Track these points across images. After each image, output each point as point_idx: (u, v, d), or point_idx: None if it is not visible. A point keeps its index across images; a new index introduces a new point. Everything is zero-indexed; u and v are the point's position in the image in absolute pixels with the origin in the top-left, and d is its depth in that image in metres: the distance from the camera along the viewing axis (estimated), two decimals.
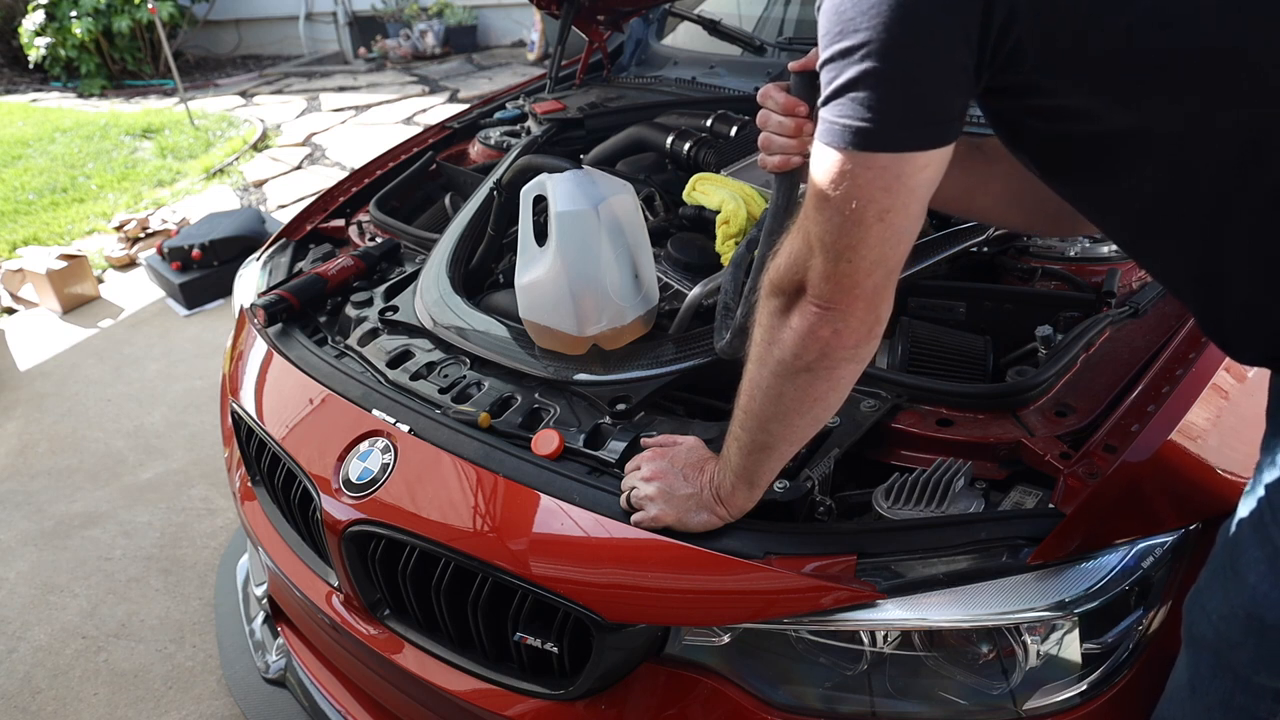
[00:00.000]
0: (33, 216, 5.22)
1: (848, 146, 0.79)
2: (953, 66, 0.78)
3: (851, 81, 0.78)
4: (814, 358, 0.88)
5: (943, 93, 0.79)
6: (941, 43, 0.77)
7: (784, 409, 0.93)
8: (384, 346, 1.51)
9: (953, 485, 1.05)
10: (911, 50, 0.76)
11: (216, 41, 9.94)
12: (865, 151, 0.79)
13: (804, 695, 1.05)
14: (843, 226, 0.81)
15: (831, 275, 0.84)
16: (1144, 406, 1.12)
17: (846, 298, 0.84)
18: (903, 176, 0.79)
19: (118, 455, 2.98)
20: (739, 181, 1.61)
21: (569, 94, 2.38)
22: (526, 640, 1.14)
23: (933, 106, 0.79)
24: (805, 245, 0.86)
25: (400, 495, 1.24)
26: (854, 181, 0.80)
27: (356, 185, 2.18)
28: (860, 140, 0.79)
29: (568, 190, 1.34)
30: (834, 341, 0.86)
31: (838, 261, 0.83)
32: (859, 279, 0.83)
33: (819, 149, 0.83)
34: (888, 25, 0.75)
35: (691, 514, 1.05)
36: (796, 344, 0.88)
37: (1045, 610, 0.95)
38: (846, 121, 0.79)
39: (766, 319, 0.93)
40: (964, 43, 0.77)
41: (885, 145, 0.79)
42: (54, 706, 2.06)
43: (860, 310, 0.85)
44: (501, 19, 9.21)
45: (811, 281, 0.86)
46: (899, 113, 0.78)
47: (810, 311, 0.86)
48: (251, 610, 1.82)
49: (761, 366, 0.93)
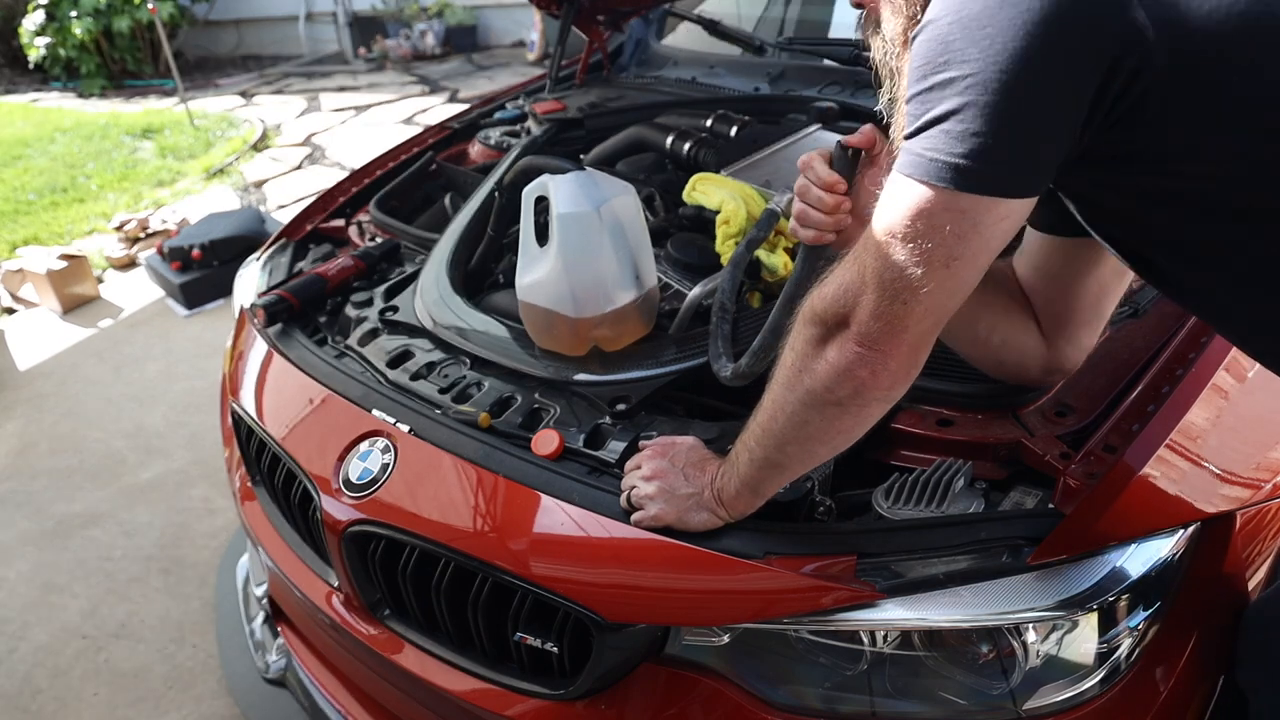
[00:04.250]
0: (33, 216, 5.22)
1: (933, 181, 0.76)
2: (1059, 114, 0.75)
3: (949, 113, 0.74)
4: (847, 395, 0.87)
5: (1042, 140, 0.76)
6: (1055, 88, 0.73)
7: (806, 435, 0.93)
8: (384, 346, 1.51)
9: (953, 485, 1.05)
10: (1022, 89, 0.72)
11: (216, 41, 9.94)
12: (951, 189, 0.75)
13: (804, 695, 1.05)
14: (906, 266, 0.78)
15: (883, 315, 0.81)
16: (1144, 406, 1.12)
17: (892, 341, 0.82)
18: (980, 226, 0.76)
19: (118, 455, 2.98)
20: (739, 181, 1.61)
21: (569, 94, 2.38)
22: (526, 640, 1.14)
23: (1029, 152, 0.76)
24: (859, 279, 0.83)
25: (400, 495, 1.24)
26: (931, 221, 0.77)
27: (356, 185, 2.18)
28: (948, 176, 0.75)
29: (569, 191, 1.34)
30: (870, 382, 0.85)
31: (893, 302, 0.81)
32: (909, 323, 0.81)
33: (897, 181, 0.80)
34: (1001, 60, 0.72)
35: (691, 513, 1.05)
36: (830, 378, 0.87)
37: (1045, 610, 0.95)
38: (935, 155, 0.76)
39: (801, 345, 0.91)
40: (1076, 94, 0.73)
41: (975, 186, 0.75)
42: (54, 706, 2.06)
43: (902, 355, 0.83)
44: (501, 19, 9.21)
45: (859, 318, 0.83)
46: (995, 153, 0.74)
47: (850, 349, 0.84)
48: (251, 610, 1.82)
49: (789, 391, 0.92)
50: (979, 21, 0.73)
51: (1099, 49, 0.72)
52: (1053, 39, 0.71)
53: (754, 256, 1.44)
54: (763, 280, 1.47)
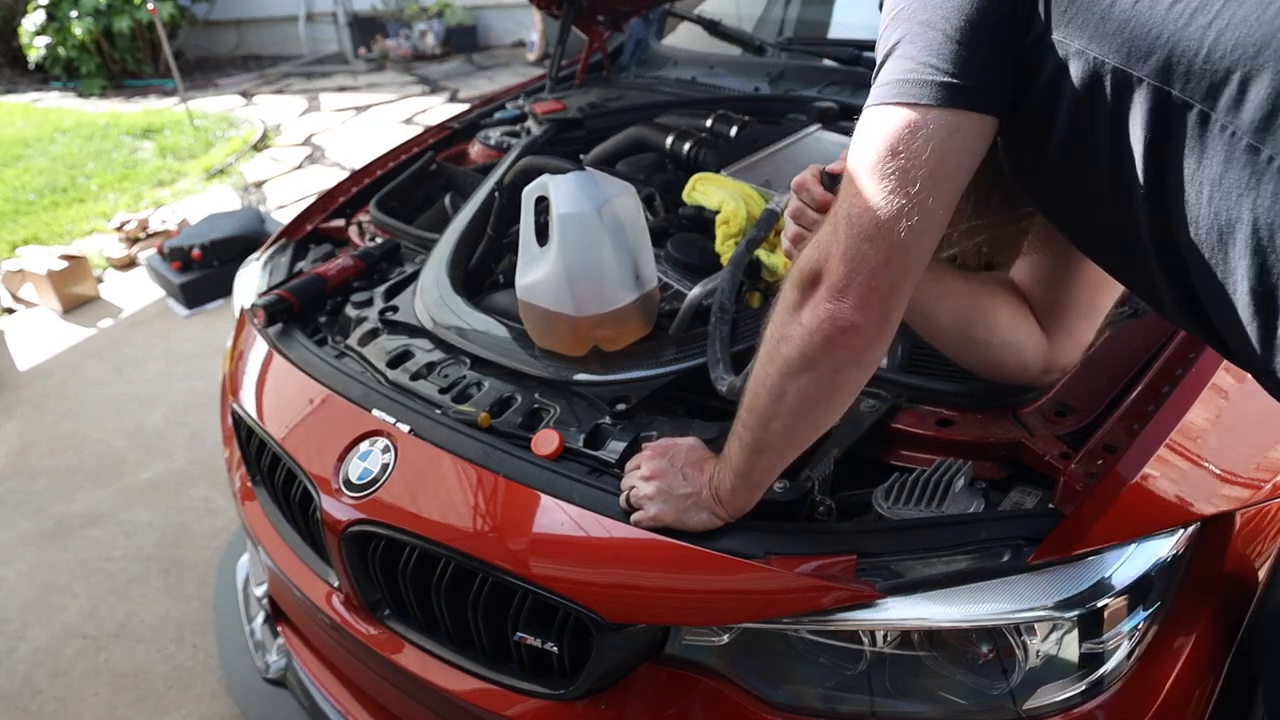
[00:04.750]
0: (33, 216, 5.22)
1: (886, 102, 0.80)
2: (996, 31, 0.78)
3: (897, 42, 0.81)
4: (819, 356, 0.87)
5: (980, 44, 0.79)
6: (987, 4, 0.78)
7: (785, 408, 0.93)
8: (384, 346, 1.51)
9: (953, 485, 1.05)
10: (959, 5, 0.78)
11: (217, 41, 9.94)
12: (900, 105, 0.79)
13: (804, 695, 1.05)
14: (871, 198, 0.81)
15: (851, 257, 0.82)
16: (1144, 406, 1.12)
17: (860, 288, 0.83)
18: (933, 139, 0.79)
19: (118, 455, 2.98)
20: (739, 181, 1.61)
21: (569, 94, 2.38)
22: (526, 640, 1.14)
23: (975, 62, 0.79)
24: (831, 229, 0.85)
25: (400, 495, 1.24)
26: (887, 143, 0.80)
27: (356, 185, 2.18)
28: (895, 93, 0.79)
29: (570, 192, 1.34)
30: (841, 340, 0.85)
31: (859, 240, 0.82)
32: (876, 265, 0.82)
33: (863, 119, 0.83)
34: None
35: (690, 513, 1.05)
36: (804, 341, 0.87)
37: (1045, 610, 0.95)
38: (887, 80, 0.80)
39: (779, 315, 0.92)
40: (1009, 7, 0.78)
41: (919, 94, 0.79)
42: (54, 706, 2.06)
43: (873, 307, 0.84)
44: (501, 19, 9.21)
45: (829, 268, 0.84)
46: (935, 61, 0.78)
47: (822, 307, 0.85)
48: (251, 610, 1.82)
49: (769, 363, 0.93)
50: None
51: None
52: None
53: (754, 256, 1.44)
54: (763, 280, 1.47)
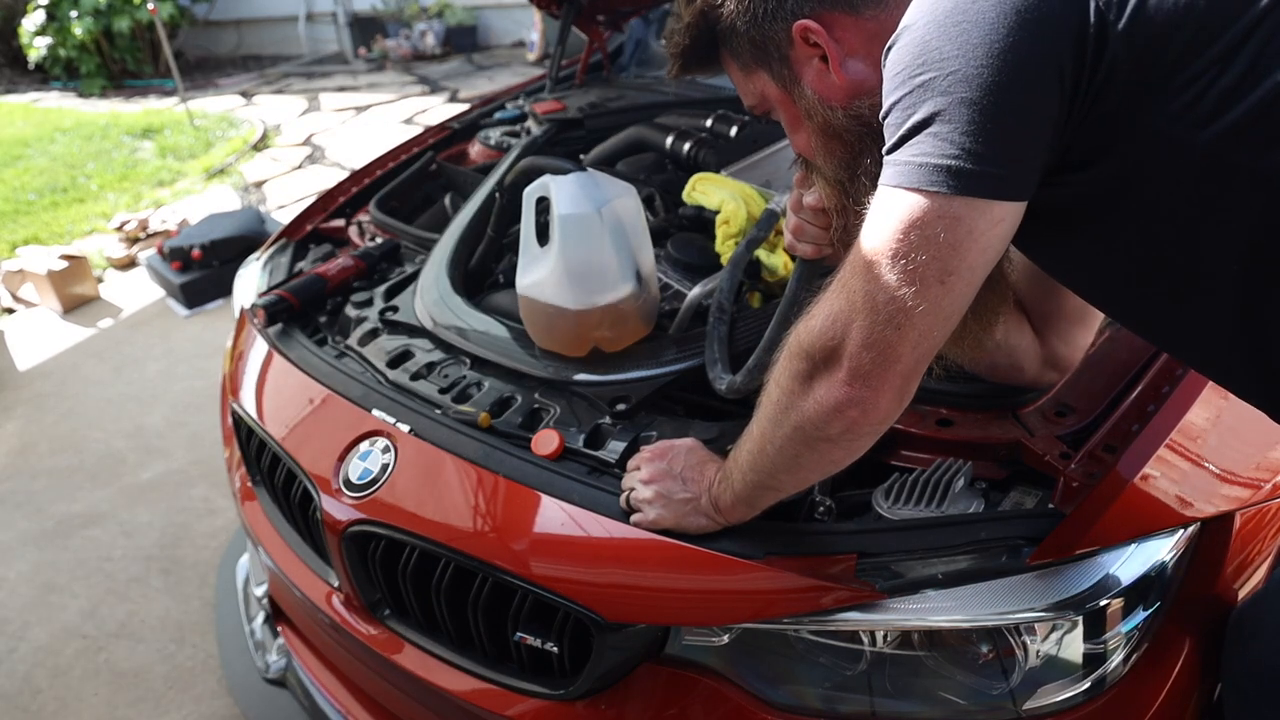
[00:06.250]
0: (33, 216, 5.22)
1: (924, 187, 0.72)
2: (1044, 102, 0.71)
3: (934, 115, 0.71)
4: (837, 432, 0.85)
5: (1031, 133, 0.72)
6: (1038, 75, 0.70)
7: (798, 466, 0.92)
8: (384, 346, 1.51)
9: (953, 485, 1.05)
10: (1006, 79, 0.69)
11: (217, 41, 9.94)
12: (944, 194, 0.72)
13: (804, 695, 1.05)
14: (898, 285, 0.74)
15: (875, 343, 0.77)
16: (1144, 406, 1.12)
17: (884, 373, 0.78)
18: (976, 232, 0.72)
19: (118, 455, 2.98)
20: (739, 181, 1.61)
21: (569, 94, 2.38)
22: (526, 640, 1.14)
23: (1020, 148, 0.72)
24: (848, 306, 0.79)
25: (400, 495, 1.24)
26: (924, 232, 0.73)
27: (356, 185, 2.18)
28: (940, 179, 0.71)
29: (571, 192, 1.34)
30: (860, 420, 0.82)
31: (885, 326, 0.76)
32: (902, 351, 0.77)
33: (884, 195, 0.76)
34: (980, 52, 0.69)
35: (689, 518, 1.05)
36: (820, 417, 0.84)
37: (1045, 610, 0.95)
38: (924, 159, 0.72)
39: (787, 381, 0.87)
40: (1060, 78, 0.70)
41: (969, 188, 0.71)
42: (54, 706, 2.06)
43: (894, 389, 0.80)
44: (501, 19, 9.22)
45: (849, 350, 0.79)
46: (987, 151, 0.70)
47: (840, 388, 0.81)
48: (251, 610, 1.82)
49: (776, 427, 0.90)
50: (953, 18, 0.71)
51: (1078, 25, 0.70)
52: (1030, 20, 0.69)
53: (754, 256, 1.44)
54: (763, 280, 1.47)
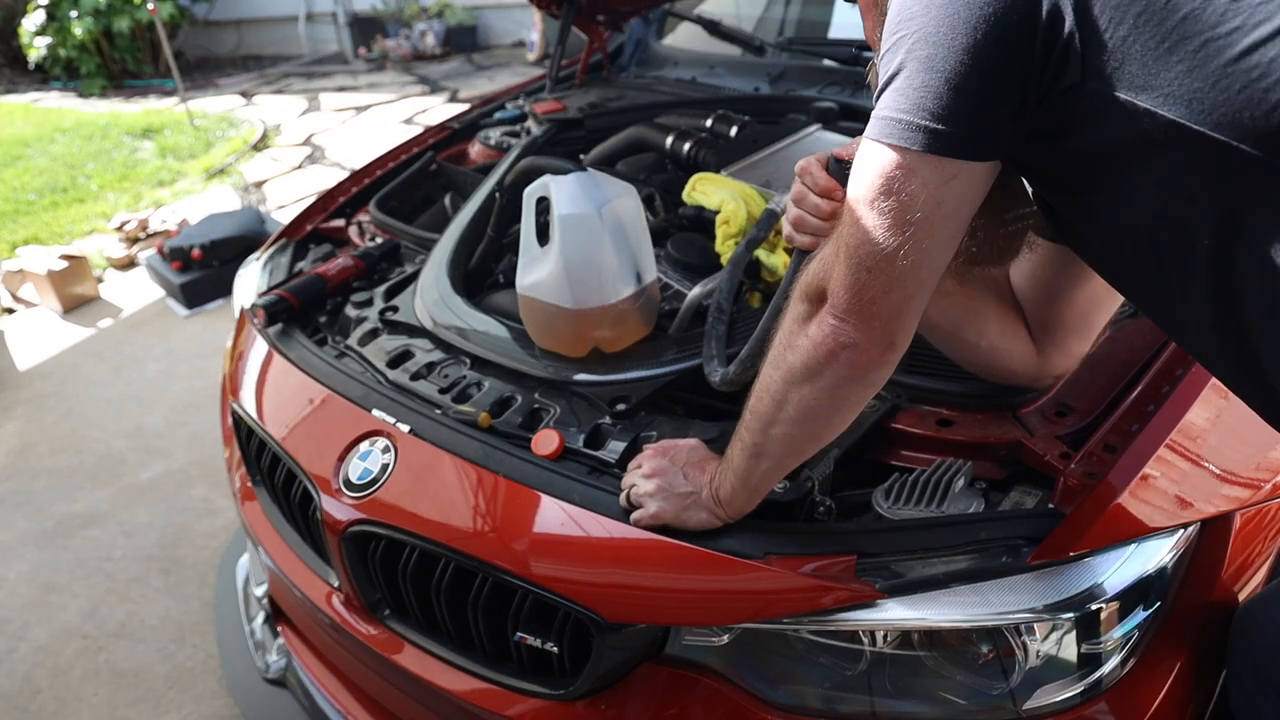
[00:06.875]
0: (33, 216, 5.22)
1: (883, 139, 0.78)
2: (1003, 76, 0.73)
3: (897, 71, 0.77)
4: (821, 370, 0.87)
5: (987, 101, 0.75)
6: (994, 38, 0.72)
7: (785, 416, 0.93)
8: (384, 346, 1.51)
9: (953, 485, 1.05)
10: (960, 39, 0.72)
11: (217, 41, 9.94)
12: (899, 146, 0.77)
13: (804, 695, 1.05)
14: (870, 231, 0.80)
15: (852, 285, 0.82)
16: (1144, 406, 1.12)
17: (862, 314, 0.83)
18: (929, 184, 0.77)
19: (118, 455, 2.98)
20: (739, 181, 1.61)
21: (569, 94, 2.38)
22: (526, 640, 1.14)
23: (975, 111, 0.75)
24: (835, 249, 0.85)
25: (400, 495, 1.24)
26: (887, 182, 0.78)
27: (356, 185, 2.18)
28: (895, 132, 0.77)
29: (571, 192, 1.34)
30: (844, 356, 0.85)
31: (858, 270, 0.81)
32: (876, 294, 0.81)
33: (863, 147, 0.82)
34: (936, 11, 0.73)
35: (690, 512, 1.05)
36: (808, 353, 0.87)
37: (1045, 610, 0.95)
38: (886, 113, 0.78)
39: (789, 323, 0.92)
40: (1019, 46, 0.72)
41: (915, 140, 0.76)
42: (54, 706, 2.06)
43: (876, 331, 0.83)
44: (501, 19, 9.22)
45: (833, 290, 0.84)
46: (933, 106, 0.75)
47: (827, 323, 0.85)
48: (251, 610, 1.82)
49: (775, 369, 0.93)
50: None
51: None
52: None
53: (754, 256, 1.44)
54: (763, 280, 1.47)
